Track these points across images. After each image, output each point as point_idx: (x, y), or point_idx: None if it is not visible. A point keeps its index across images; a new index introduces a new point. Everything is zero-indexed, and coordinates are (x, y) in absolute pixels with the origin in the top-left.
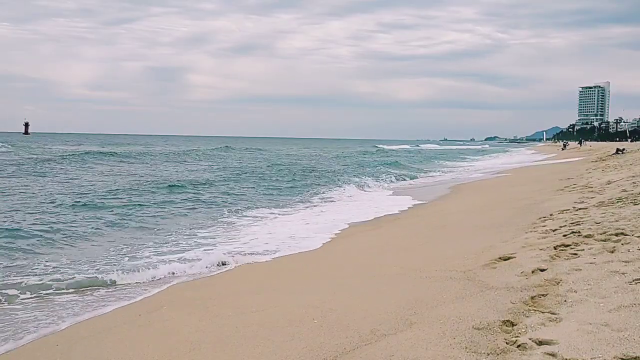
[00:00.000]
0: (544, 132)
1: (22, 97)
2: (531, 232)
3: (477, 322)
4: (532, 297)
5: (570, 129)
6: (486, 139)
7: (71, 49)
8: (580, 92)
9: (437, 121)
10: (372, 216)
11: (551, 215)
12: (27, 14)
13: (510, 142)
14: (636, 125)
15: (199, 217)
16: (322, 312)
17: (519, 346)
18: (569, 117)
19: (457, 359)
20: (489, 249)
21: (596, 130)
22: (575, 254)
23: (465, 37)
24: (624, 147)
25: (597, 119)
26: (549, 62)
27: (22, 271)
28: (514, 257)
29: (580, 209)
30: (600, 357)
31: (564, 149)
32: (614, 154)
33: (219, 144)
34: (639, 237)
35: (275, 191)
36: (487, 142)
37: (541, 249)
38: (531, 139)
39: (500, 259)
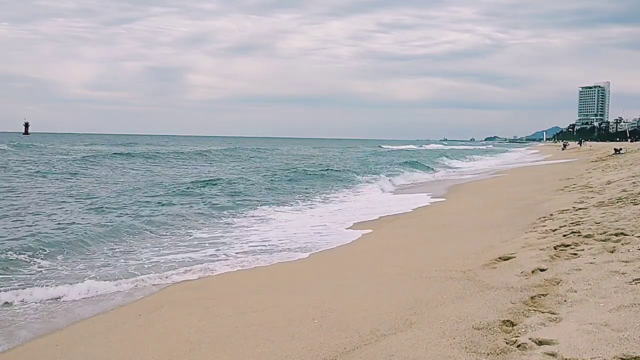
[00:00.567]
0: (544, 132)
1: (22, 97)
2: (531, 232)
3: (477, 322)
4: (532, 297)
5: (570, 129)
6: (486, 139)
7: (71, 49)
8: (580, 92)
9: (437, 121)
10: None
11: (551, 215)
12: (27, 14)
13: (510, 142)
14: (636, 125)
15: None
16: (322, 312)
17: (519, 346)
18: (569, 117)
19: (457, 359)
20: (489, 249)
21: (596, 130)
22: (575, 254)
23: (465, 37)
24: (622, 147)
25: (597, 119)
26: (548, 62)
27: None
28: (514, 257)
29: (580, 209)
30: (600, 357)
31: (564, 149)
32: (613, 154)
33: (222, 144)
34: (639, 237)
35: (311, 188)
36: (491, 142)
37: (541, 249)
38: (531, 139)
39: (500, 259)
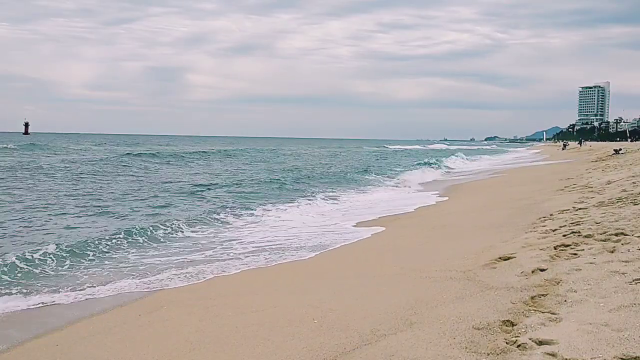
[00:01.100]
0: (544, 132)
1: (22, 97)
2: (531, 232)
3: (477, 322)
4: (532, 297)
5: (570, 129)
6: (486, 139)
7: (71, 49)
8: (580, 92)
9: (437, 121)
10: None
11: (551, 215)
12: (27, 14)
13: (510, 142)
14: (636, 125)
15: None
16: (322, 312)
17: (519, 346)
18: (569, 117)
19: (457, 359)
20: (489, 249)
21: (596, 130)
22: (575, 254)
23: (464, 37)
24: (621, 148)
25: (597, 119)
26: (548, 62)
27: None
28: (514, 257)
29: (580, 209)
30: (600, 357)
31: (564, 149)
32: (613, 154)
33: (225, 144)
34: (639, 237)
35: (338, 186)
36: (493, 142)
37: (541, 249)
38: (531, 139)
39: (500, 259)
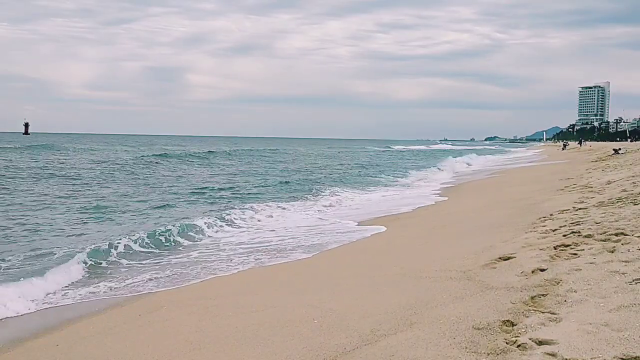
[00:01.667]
0: (544, 132)
1: (22, 97)
2: (531, 232)
3: (477, 322)
4: (532, 297)
5: (570, 129)
6: (486, 139)
7: (70, 49)
8: (580, 92)
9: (437, 121)
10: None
11: (551, 215)
12: (27, 14)
13: (510, 142)
14: (636, 125)
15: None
16: (322, 312)
17: (519, 346)
18: (569, 117)
19: (457, 359)
20: (489, 249)
21: (596, 130)
22: (575, 254)
23: (464, 37)
24: (620, 147)
25: (597, 119)
26: (548, 62)
27: None
28: (514, 257)
29: (580, 209)
30: (600, 357)
31: (564, 149)
32: (613, 154)
33: (227, 144)
34: (639, 237)
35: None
36: (497, 143)
37: (541, 249)
38: (531, 139)
39: (500, 259)
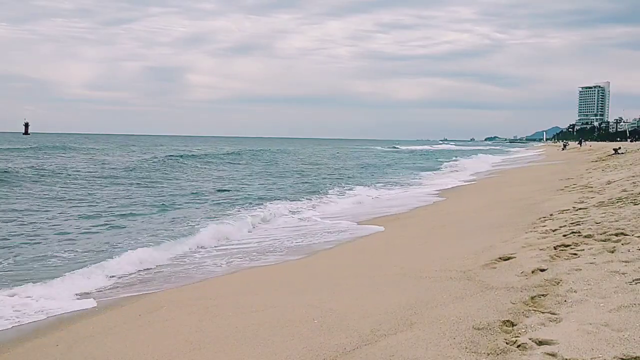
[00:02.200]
0: (544, 132)
1: (22, 97)
2: (531, 232)
3: (477, 322)
4: (532, 297)
5: (570, 129)
6: (486, 139)
7: (70, 49)
8: (580, 92)
9: (436, 121)
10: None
11: (551, 215)
12: (26, 14)
13: (510, 143)
14: (636, 125)
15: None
16: (322, 312)
17: (519, 346)
18: (569, 117)
19: (457, 359)
20: (489, 249)
21: (596, 130)
22: (575, 254)
23: (464, 37)
24: (619, 147)
25: (597, 119)
26: (548, 62)
27: None
28: (514, 257)
29: (580, 209)
30: (600, 357)
31: (564, 149)
32: (613, 154)
33: (230, 144)
34: (639, 237)
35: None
36: (499, 143)
37: (541, 249)
38: (531, 139)
39: (500, 259)
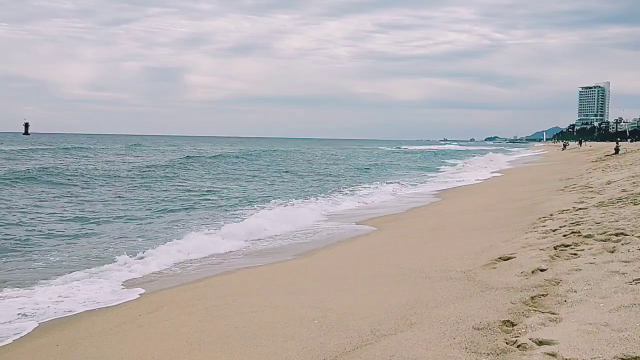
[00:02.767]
0: (544, 132)
1: (22, 97)
2: (531, 232)
3: (477, 322)
4: (532, 297)
5: (570, 129)
6: (486, 139)
7: (70, 50)
8: (580, 92)
9: (436, 121)
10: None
11: (551, 215)
12: (26, 14)
13: (510, 143)
14: (636, 125)
15: None
16: (322, 312)
17: (519, 346)
18: (569, 117)
19: (457, 359)
20: (489, 249)
21: (596, 130)
22: (575, 254)
23: (463, 37)
24: (619, 146)
25: (597, 119)
26: (548, 62)
27: None
28: (514, 257)
29: (580, 209)
30: (600, 357)
31: (564, 149)
32: (613, 154)
33: (231, 144)
34: (639, 237)
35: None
36: (502, 144)
37: (541, 249)
38: (531, 139)
39: (500, 259)
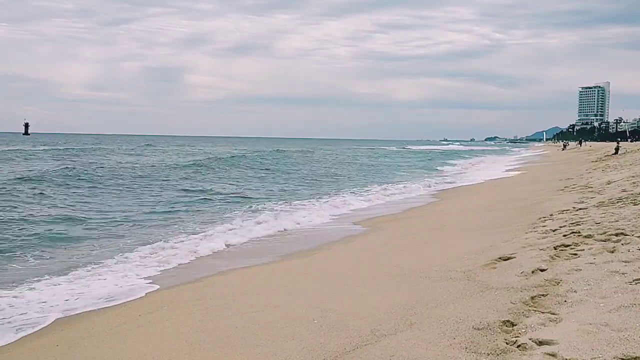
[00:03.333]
0: (544, 132)
1: (22, 97)
2: (531, 232)
3: (477, 322)
4: (532, 297)
5: (570, 129)
6: (486, 139)
7: (70, 50)
8: (580, 92)
9: (436, 121)
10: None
11: (551, 215)
12: (26, 14)
13: (510, 143)
14: (636, 125)
15: None
16: (322, 312)
17: (519, 346)
18: (569, 117)
19: (457, 359)
20: (489, 249)
21: (596, 130)
22: (575, 254)
23: (463, 37)
24: (619, 146)
25: (597, 119)
26: (548, 62)
27: None
28: (514, 257)
29: (580, 209)
30: (600, 357)
31: (564, 149)
32: (613, 154)
33: (233, 144)
34: (639, 237)
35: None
36: (505, 144)
37: (541, 249)
38: (531, 139)
39: (500, 259)
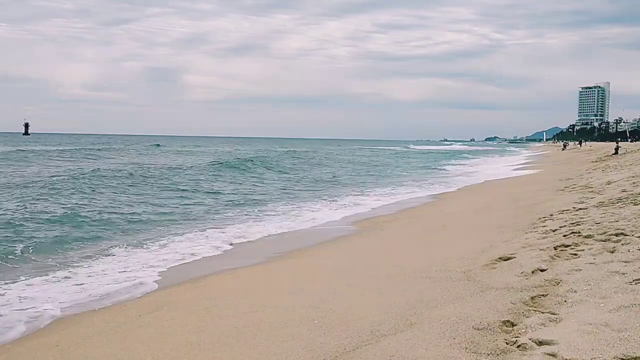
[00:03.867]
0: (544, 132)
1: (22, 97)
2: (531, 232)
3: (477, 322)
4: (532, 297)
5: (570, 129)
6: (486, 139)
7: (70, 50)
8: (580, 92)
9: (436, 121)
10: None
11: (551, 215)
12: (26, 14)
13: (510, 143)
14: (636, 125)
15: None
16: (322, 312)
17: (519, 346)
18: (569, 117)
19: (457, 359)
20: (489, 249)
21: (596, 130)
22: (575, 254)
23: (462, 37)
24: (618, 146)
25: (597, 119)
26: (548, 62)
27: None
28: (514, 257)
29: (580, 209)
30: (600, 357)
31: (564, 149)
32: (613, 154)
33: (234, 144)
34: (639, 237)
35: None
36: (509, 144)
37: (541, 249)
38: (531, 139)
39: (500, 259)
